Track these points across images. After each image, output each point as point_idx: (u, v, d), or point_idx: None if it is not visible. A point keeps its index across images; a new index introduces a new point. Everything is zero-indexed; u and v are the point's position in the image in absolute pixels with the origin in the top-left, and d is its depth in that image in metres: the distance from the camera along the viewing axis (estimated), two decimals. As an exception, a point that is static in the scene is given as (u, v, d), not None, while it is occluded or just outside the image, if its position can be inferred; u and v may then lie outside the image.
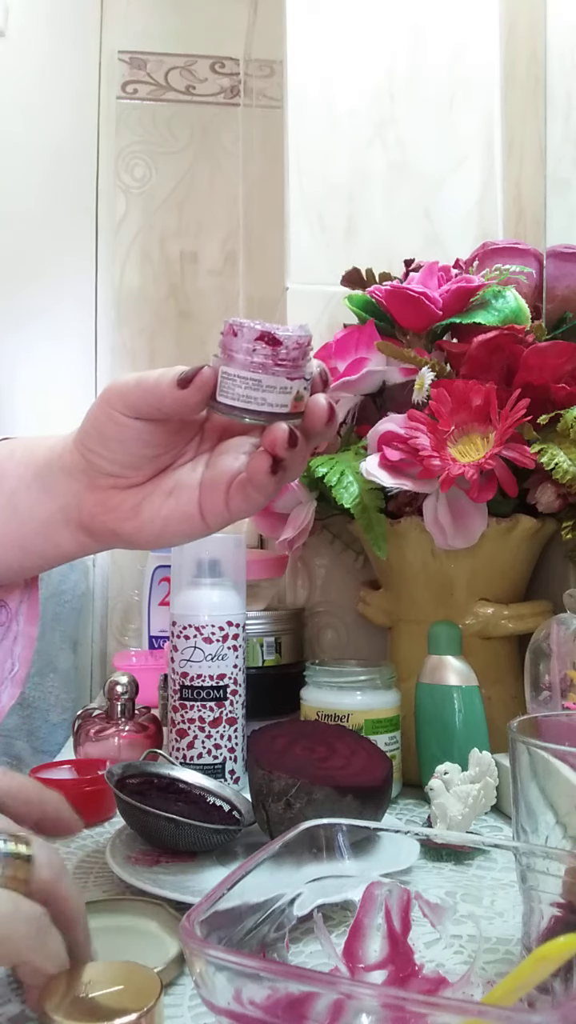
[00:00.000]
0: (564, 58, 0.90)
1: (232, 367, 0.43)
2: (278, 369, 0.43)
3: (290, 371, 0.43)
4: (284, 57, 1.08)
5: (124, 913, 0.51)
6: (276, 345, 0.42)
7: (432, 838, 0.48)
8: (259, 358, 0.43)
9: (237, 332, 0.43)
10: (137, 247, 1.71)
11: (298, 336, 0.43)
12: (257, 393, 0.43)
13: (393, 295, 0.85)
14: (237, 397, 0.43)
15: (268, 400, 0.43)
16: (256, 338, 0.43)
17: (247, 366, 0.43)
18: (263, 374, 0.43)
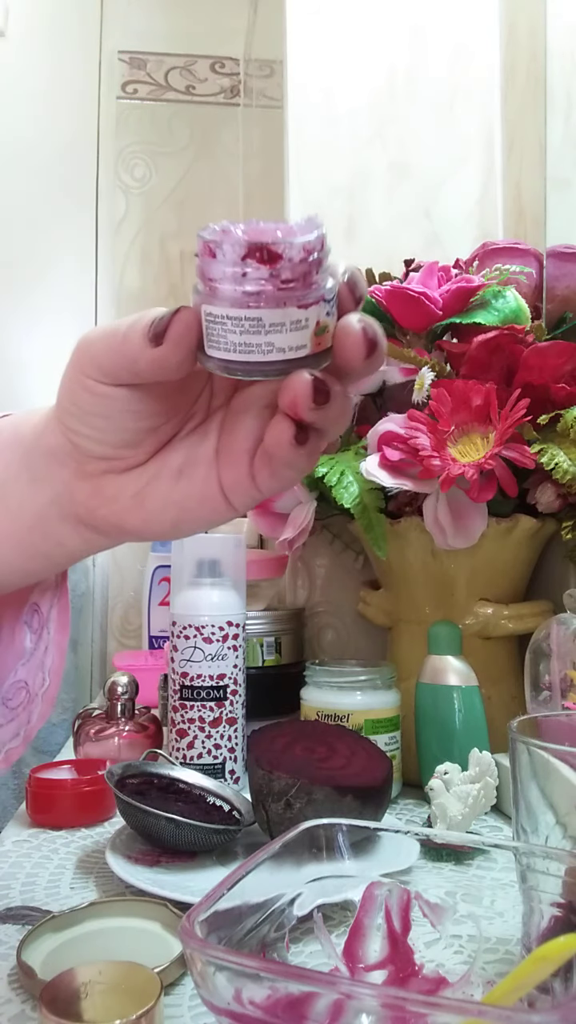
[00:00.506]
0: (564, 58, 0.90)
1: (218, 304, 0.31)
2: (283, 295, 0.30)
3: (302, 293, 0.30)
4: (284, 57, 1.08)
5: (124, 913, 0.51)
6: (275, 260, 0.30)
7: (432, 838, 0.48)
8: (253, 284, 0.30)
9: (216, 250, 0.30)
10: (137, 247, 1.71)
11: (305, 238, 0.30)
12: (259, 337, 0.31)
13: (393, 295, 0.84)
14: (232, 347, 0.31)
15: (276, 344, 0.31)
16: (244, 255, 0.30)
17: (238, 300, 0.30)
18: (263, 307, 0.30)
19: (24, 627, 0.41)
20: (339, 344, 0.32)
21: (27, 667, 0.42)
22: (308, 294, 0.31)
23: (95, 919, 0.50)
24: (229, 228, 0.31)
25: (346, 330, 0.32)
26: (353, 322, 0.32)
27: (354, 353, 0.32)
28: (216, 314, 0.31)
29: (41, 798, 0.70)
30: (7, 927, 0.51)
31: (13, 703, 0.41)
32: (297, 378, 0.32)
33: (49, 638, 0.44)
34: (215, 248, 0.30)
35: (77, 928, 0.49)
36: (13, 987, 0.44)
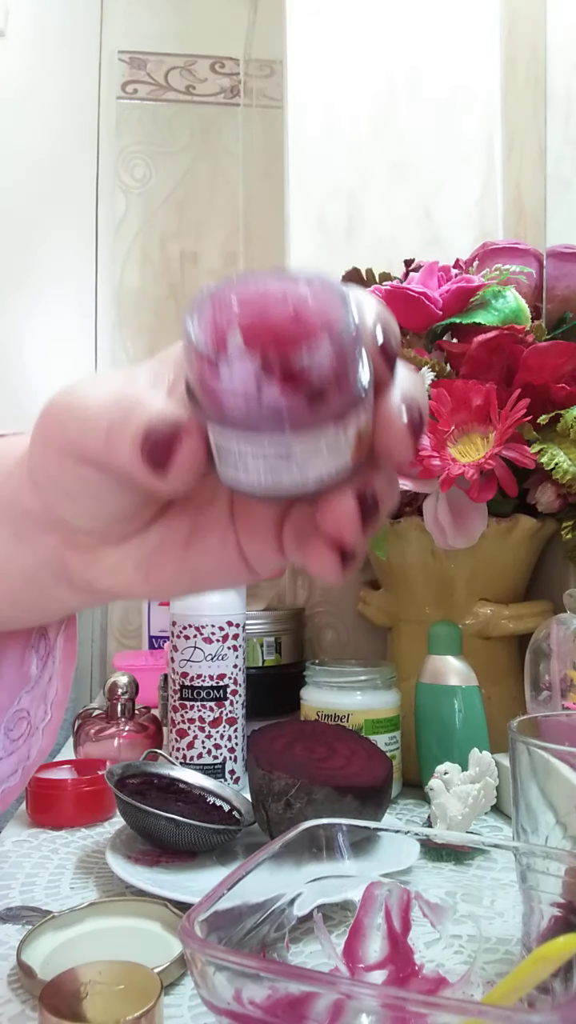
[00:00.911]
0: (564, 58, 0.90)
1: (228, 432, 0.24)
2: (314, 413, 0.23)
3: (337, 404, 0.23)
4: (284, 57, 1.08)
5: (124, 913, 0.51)
6: (300, 376, 0.22)
7: (432, 838, 0.48)
8: (273, 407, 0.23)
9: (218, 362, 0.23)
10: (137, 247, 1.71)
11: (338, 330, 0.23)
12: (288, 463, 0.24)
13: (393, 295, 0.84)
14: (255, 473, 0.24)
15: (311, 469, 0.24)
16: (256, 374, 0.22)
17: (255, 427, 0.23)
18: (289, 435, 0.23)
19: (32, 652, 0.39)
20: (381, 439, 0.25)
21: (31, 695, 0.40)
22: (345, 400, 0.23)
23: (95, 919, 0.50)
24: (227, 327, 0.23)
25: (388, 425, 0.25)
26: (396, 417, 0.25)
27: (400, 449, 0.26)
28: (229, 440, 0.24)
29: (41, 798, 0.70)
30: (7, 927, 0.51)
31: (14, 734, 0.39)
32: (340, 504, 0.26)
33: (54, 668, 0.41)
34: (216, 360, 0.23)
35: (77, 928, 0.49)
36: (13, 987, 0.44)
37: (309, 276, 0.24)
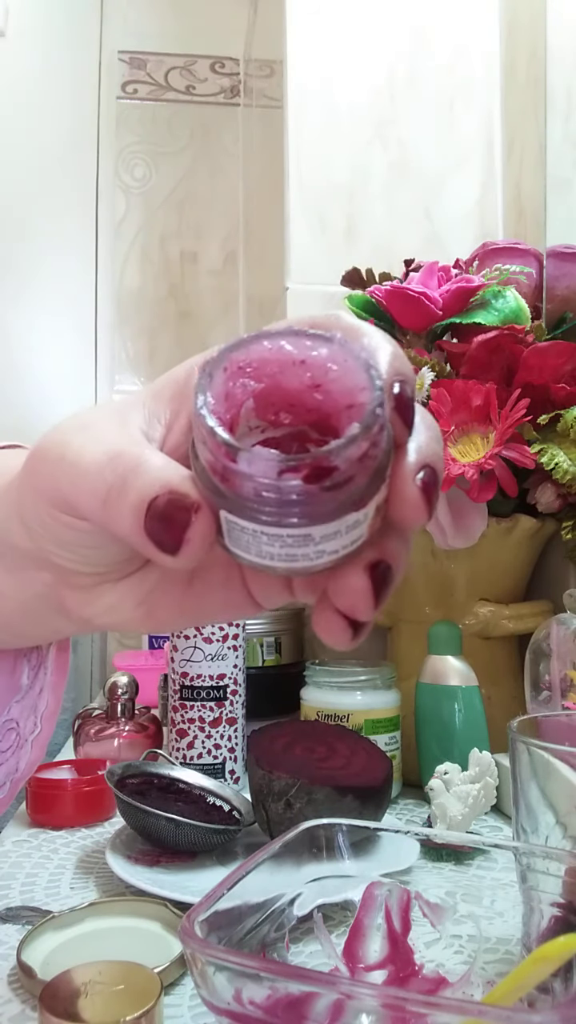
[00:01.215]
0: (564, 58, 0.90)
1: (246, 519, 0.23)
2: (339, 502, 0.22)
3: (361, 490, 0.22)
4: (284, 57, 1.08)
5: (124, 913, 0.51)
6: (326, 475, 0.21)
7: (432, 838, 0.48)
8: (296, 500, 0.21)
9: (237, 457, 0.21)
10: (137, 247, 1.71)
11: (363, 415, 0.21)
12: (307, 548, 0.23)
13: (393, 295, 0.84)
14: (270, 556, 0.23)
15: (328, 549, 0.23)
16: (281, 471, 0.21)
17: (275, 517, 0.22)
18: (311, 526, 0.22)
19: (23, 661, 0.38)
20: (395, 508, 0.24)
21: (21, 705, 0.39)
22: (370, 482, 0.22)
23: (95, 919, 0.50)
24: (245, 409, 0.21)
25: (403, 493, 0.24)
26: (410, 484, 0.23)
27: (414, 517, 0.24)
28: (244, 526, 0.23)
29: (41, 798, 0.70)
30: (7, 927, 0.51)
31: (2, 746, 0.38)
32: (353, 580, 0.24)
33: (46, 679, 0.40)
34: (233, 446, 0.21)
35: (77, 928, 0.49)
36: (13, 987, 0.44)
37: (329, 338, 0.22)
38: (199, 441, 0.22)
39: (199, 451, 0.23)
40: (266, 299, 1.32)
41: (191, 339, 1.69)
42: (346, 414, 0.21)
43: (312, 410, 0.22)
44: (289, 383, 0.22)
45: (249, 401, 0.22)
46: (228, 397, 0.22)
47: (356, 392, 0.21)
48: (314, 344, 0.22)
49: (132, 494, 0.24)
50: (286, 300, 1.05)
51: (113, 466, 0.24)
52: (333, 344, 0.22)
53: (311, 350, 0.22)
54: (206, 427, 0.22)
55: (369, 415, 0.21)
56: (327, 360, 0.22)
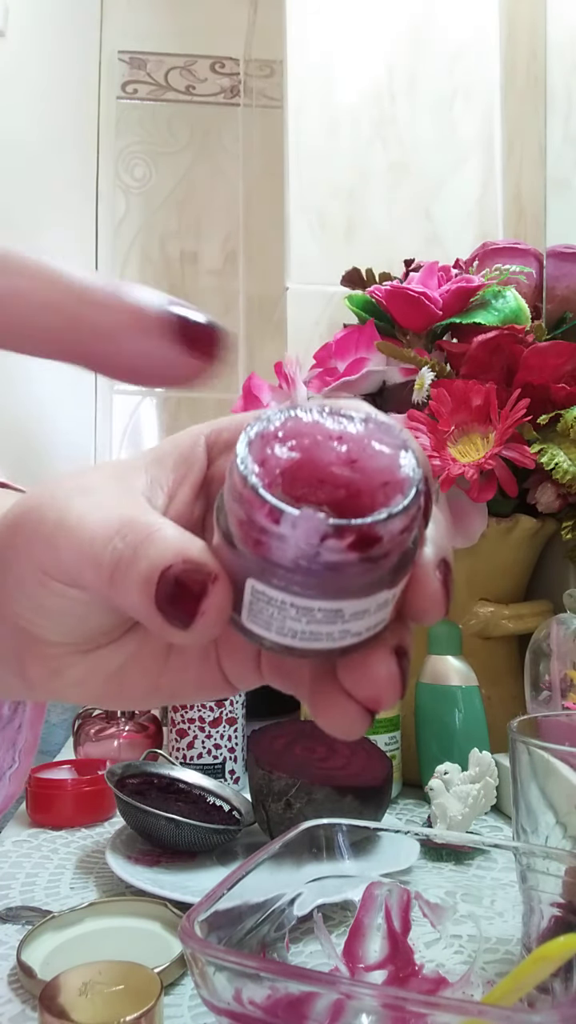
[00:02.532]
0: (564, 58, 0.90)
1: (276, 588, 0.21)
2: (375, 578, 0.21)
3: (400, 567, 0.22)
4: (284, 57, 1.08)
5: (124, 913, 0.51)
6: (371, 545, 0.20)
7: (432, 838, 0.48)
8: (334, 570, 0.21)
9: (278, 510, 0.20)
10: (137, 247, 1.71)
11: (408, 499, 0.21)
12: (334, 627, 0.22)
13: (393, 295, 0.85)
14: (291, 633, 0.22)
15: (353, 629, 0.22)
16: (325, 536, 0.20)
17: (310, 588, 0.21)
18: (344, 600, 0.21)
19: None
20: (415, 599, 0.23)
21: (0, 736, 0.37)
22: (405, 559, 0.22)
23: (95, 919, 0.50)
24: (296, 472, 0.21)
25: (424, 586, 0.23)
26: (431, 577, 0.23)
27: (434, 612, 0.23)
28: (272, 597, 0.21)
29: (41, 798, 0.70)
30: (7, 927, 0.51)
31: None
32: (381, 666, 0.23)
33: (24, 715, 0.39)
34: (279, 516, 0.20)
35: (77, 928, 0.49)
36: (13, 987, 0.44)
37: (365, 418, 0.22)
38: (232, 500, 0.21)
39: (230, 511, 0.21)
40: (266, 299, 1.32)
41: (191, 339, 1.69)
42: (381, 491, 0.21)
43: (343, 486, 0.21)
44: (324, 457, 0.21)
45: (305, 478, 0.21)
46: (264, 463, 0.21)
47: (394, 470, 0.21)
48: (351, 422, 0.22)
49: (143, 563, 0.22)
50: (286, 300, 1.05)
51: (123, 534, 0.23)
52: (370, 423, 0.22)
53: (347, 426, 0.22)
54: (248, 485, 0.21)
55: (412, 489, 0.21)
56: (365, 436, 0.22)
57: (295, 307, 1.05)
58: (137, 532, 0.22)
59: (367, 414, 0.22)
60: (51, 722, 1.38)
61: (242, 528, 0.21)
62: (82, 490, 0.24)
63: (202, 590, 0.22)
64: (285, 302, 1.05)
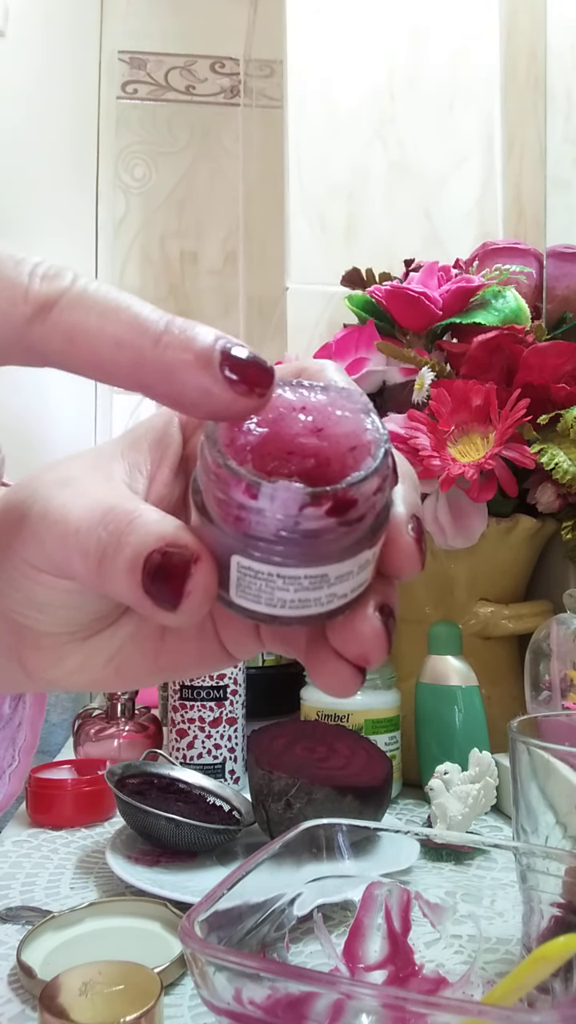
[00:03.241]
0: (564, 58, 0.90)
1: (260, 561, 0.22)
2: (355, 540, 0.22)
3: (374, 527, 0.22)
4: (284, 57, 1.08)
5: (124, 913, 0.51)
6: (348, 508, 0.21)
7: (432, 838, 0.48)
8: (315, 536, 0.21)
9: (256, 491, 0.21)
10: (137, 247, 1.71)
11: (376, 462, 0.22)
12: (320, 592, 0.23)
13: (393, 295, 0.84)
14: (280, 603, 0.23)
15: (339, 592, 0.23)
16: (303, 505, 0.21)
17: (294, 557, 0.22)
18: (328, 564, 0.22)
19: None
20: (391, 556, 0.24)
21: (1, 735, 0.37)
22: (382, 518, 0.23)
23: (95, 919, 0.50)
24: (267, 445, 0.22)
25: (398, 542, 0.24)
26: (404, 533, 0.24)
27: (410, 566, 0.24)
28: (259, 571, 0.22)
29: (41, 798, 0.70)
30: (7, 927, 0.51)
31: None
32: (366, 624, 0.24)
33: (24, 713, 0.38)
34: (255, 482, 0.21)
35: (77, 928, 0.49)
36: (13, 987, 0.44)
37: (324, 386, 0.23)
38: (208, 481, 0.22)
39: (206, 491, 0.22)
40: (266, 299, 1.32)
41: (191, 339, 1.70)
42: (350, 456, 0.22)
43: (311, 455, 0.22)
44: (291, 429, 0.22)
45: (276, 450, 0.22)
46: (233, 442, 0.22)
47: (360, 434, 0.22)
48: (311, 392, 0.23)
49: (128, 551, 0.22)
50: (286, 300, 1.05)
51: (105, 523, 0.23)
52: (330, 391, 0.23)
53: (309, 397, 0.22)
54: (224, 465, 0.21)
55: (380, 451, 0.22)
56: (328, 405, 0.22)
57: (295, 307, 1.05)
58: (119, 520, 0.23)
59: (326, 382, 0.23)
60: (51, 722, 1.38)
61: (221, 506, 0.21)
62: (63, 482, 0.25)
63: (186, 571, 0.22)
64: (285, 302, 1.05)
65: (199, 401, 0.22)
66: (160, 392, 0.22)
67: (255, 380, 0.22)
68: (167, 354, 0.22)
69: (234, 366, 0.21)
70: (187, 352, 0.21)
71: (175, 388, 0.22)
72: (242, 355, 0.22)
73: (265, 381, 0.22)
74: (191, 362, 0.21)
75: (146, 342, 0.22)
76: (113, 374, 0.22)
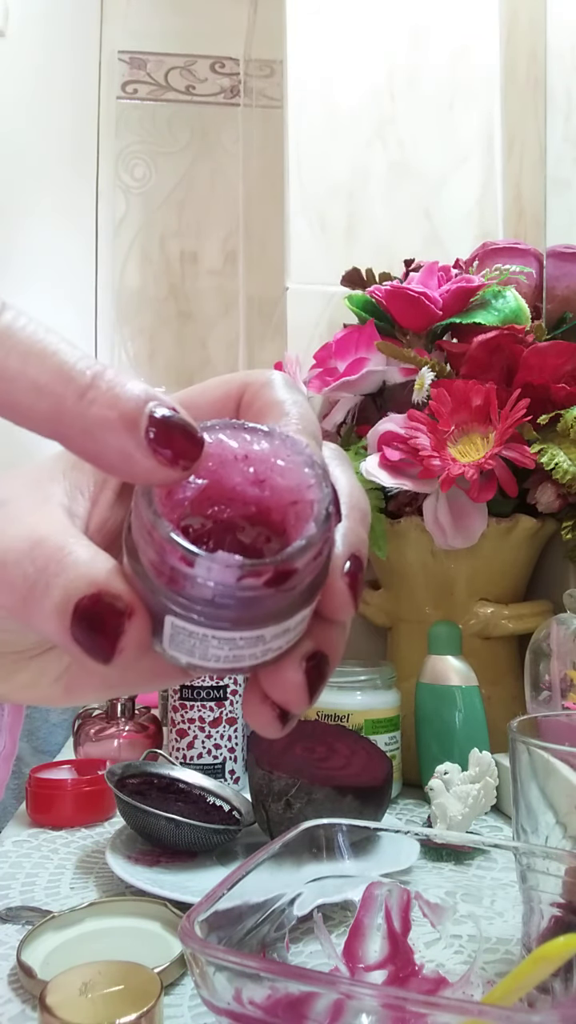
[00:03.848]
0: (564, 58, 0.90)
1: (196, 624, 0.21)
2: (294, 602, 0.21)
3: (316, 587, 0.22)
4: (284, 57, 1.08)
5: (124, 913, 0.51)
6: (286, 578, 0.20)
7: (432, 838, 0.48)
8: (248, 605, 0.21)
9: (191, 552, 0.20)
10: (137, 247, 1.71)
11: (318, 515, 0.21)
12: (256, 648, 0.22)
13: (393, 295, 0.85)
14: (215, 659, 0.22)
15: (274, 647, 0.22)
16: (240, 577, 0.20)
17: (229, 622, 0.21)
18: (264, 627, 0.21)
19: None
20: (324, 603, 0.23)
21: None
22: (321, 579, 0.22)
23: (95, 919, 0.50)
24: (202, 510, 0.21)
25: (332, 590, 0.23)
26: (339, 585, 0.23)
27: (343, 611, 0.23)
28: (193, 631, 0.21)
29: (41, 798, 0.70)
30: (7, 927, 0.51)
31: None
32: (290, 674, 0.23)
33: (3, 719, 0.37)
34: (193, 561, 0.20)
35: (77, 928, 0.49)
36: (13, 987, 0.44)
37: (268, 432, 0.22)
38: (141, 540, 0.21)
39: (141, 548, 0.21)
40: (266, 299, 1.32)
41: (191, 339, 1.69)
42: (292, 510, 0.21)
43: (251, 504, 0.21)
44: (230, 478, 0.21)
45: (213, 515, 0.21)
46: (170, 494, 0.21)
47: (303, 489, 0.21)
48: (254, 438, 0.21)
49: (56, 593, 0.21)
50: (286, 300, 1.05)
51: (33, 557, 0.21)
52: (274, 438, 0.22)
53: (252, 444, 0.21)
54: (157, 528, 0.20)
55: (322, 514, 0.21)
56: (270, 455, 0.21)
57: (295, 307, 1.04)
58: (49, 556, 0.21)
59: (270, 428, 0.22)
60: (51, 722, 1.38)
61: (154, 566, 0.20)
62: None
63: (119, 626, 0.21)
64: (285, 302, 1.05)
65: (118, 465, 0.20)
66: (78, 447, 0.21)
67: (181, 451, 0.20)
68: (91, 410, 0.20)
69: (160, 432, 0.20)
70: (112, 410, 0.20)
71: (95, 447, 0.20)
72: (171, 421, 0.20)
73: (192, 454, 0.20)
74: (115, 422, 0.20)
75: (69, 393, 0.20)
76: (30, 420, 0.21)
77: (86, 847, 0.65)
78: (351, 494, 0.24)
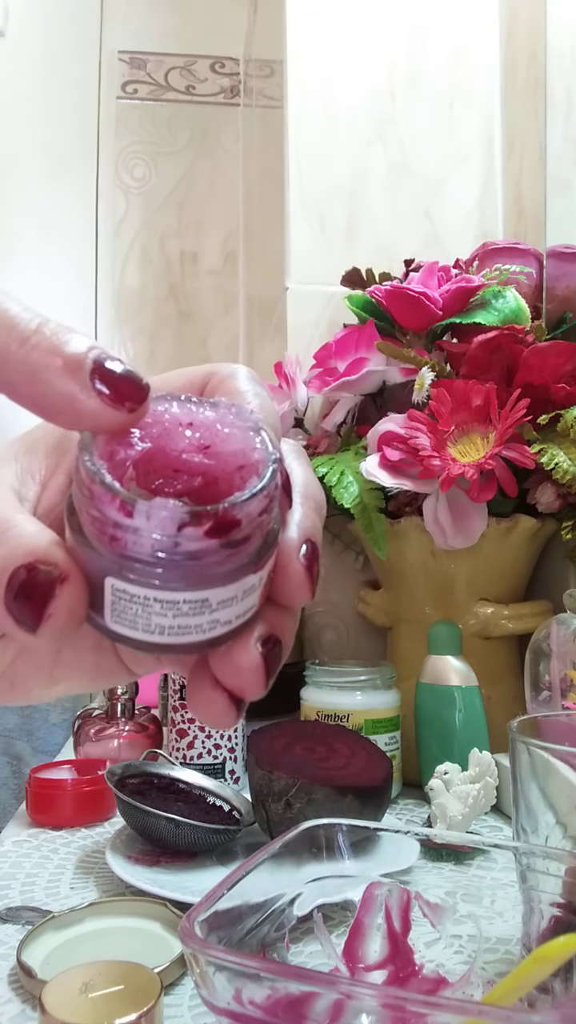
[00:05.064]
0: (564, 58, 0.90)
1: (137, 584, 0.21)
2: (239, 563, 0.21)
3: (259, 550, 0.21)
4: (284, 57, 1.08)
5: (124, 913, 0.51)
6: (229, 529, 0.20)
7: (432, 838, 0.48)
8: (196, 558, 0.20)
9: (132, 508, 0.20)
10: (137, 247, 1.71)
11: (263, 482, 0.21)
12: (201, 618, 0.21)
13: (393, 295, 0.85)
14: (159, 629, 0.21)
15: (222, 618, 0.22)
16: (182, 525, 0.20)
17: (173, 580, 0.20)
18: (208, 589, 0.21)
19: None
20: (279, 583, 0.23)
21: None
22: (267, 542, 0.21)
23: (95, 919, 0.50)
24: (145, 462, 0.20)
25: (287, 574, 0.23)
26: (296, 568, 0.23)
27: (299, 594, 0.23)
28: (135, 594, 0.21)
29: (41, 798, 0.70)
30: (7, 927, 0.51)
31: None
32: (244, 657, 0.22)
33: None
34: (132, 508, 0.20)
35: (77, 928, 0.49)
36: (13, 987, 0.44)
37: (215, 403, 0.22)
38: (82, 497, 0.20)
39: (81, 509, 0.21)
40: (266, 299, 1.32)
41: (191, 339, 1.69)
42: (238, 475, 0.21)
43: (198, 473, 0.21)
44: (176, 445, 0.21)
45: (131, 466, 0.21)
46: (112, 457, 0.21)
47: (248, 452, 0.21)
48: (200, 408, 0.22)
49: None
50: (286, 300, 1.05)
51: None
52: (220, 407, 0.22)
53: (198, 413, 0.21)
54: (98, 480, 0.20)
55: (268, 470, 0.21)
56: (216, 422, 0.21)
57: (295, 307, 1.04)
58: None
59: (217, 400, 0.22)
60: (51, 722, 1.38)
61: (95, 524, 0.20)
62: None
63: (50, 591, 0.21)
64: (285, 302, 1.05)
65: (63, 408, 0.21)
66: (22, 393, 0.21)
67: (126, 393, 0.21)
68: (32, 355, 0.21)
69: (105, 376, 0.21)
70: (55, 356, 0.21)
71: (38, 390, 0.21)
72: (116, 368, 0.21)
73: (138, 396, 0.21)
74: (59, 366, 0.21)
75: (12, 339, 0.21)
76: None
77: (86, 847, 0.65)
78: (306, 485, 0.24)
